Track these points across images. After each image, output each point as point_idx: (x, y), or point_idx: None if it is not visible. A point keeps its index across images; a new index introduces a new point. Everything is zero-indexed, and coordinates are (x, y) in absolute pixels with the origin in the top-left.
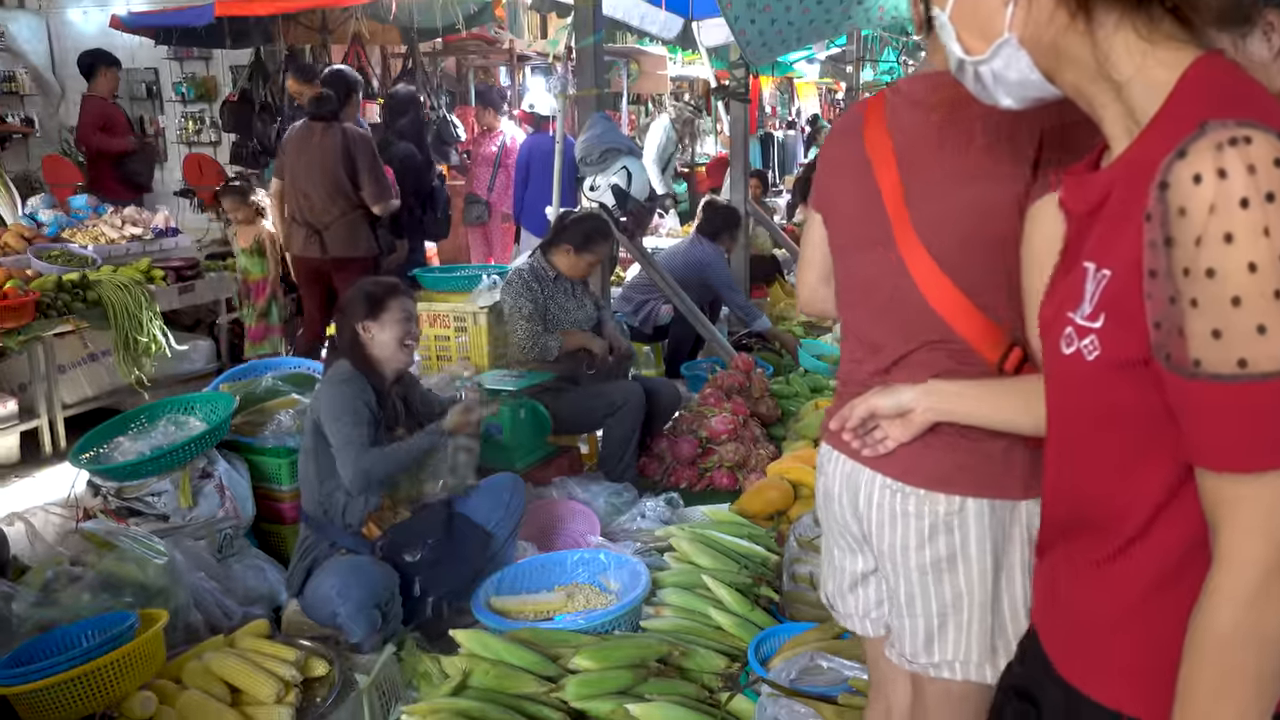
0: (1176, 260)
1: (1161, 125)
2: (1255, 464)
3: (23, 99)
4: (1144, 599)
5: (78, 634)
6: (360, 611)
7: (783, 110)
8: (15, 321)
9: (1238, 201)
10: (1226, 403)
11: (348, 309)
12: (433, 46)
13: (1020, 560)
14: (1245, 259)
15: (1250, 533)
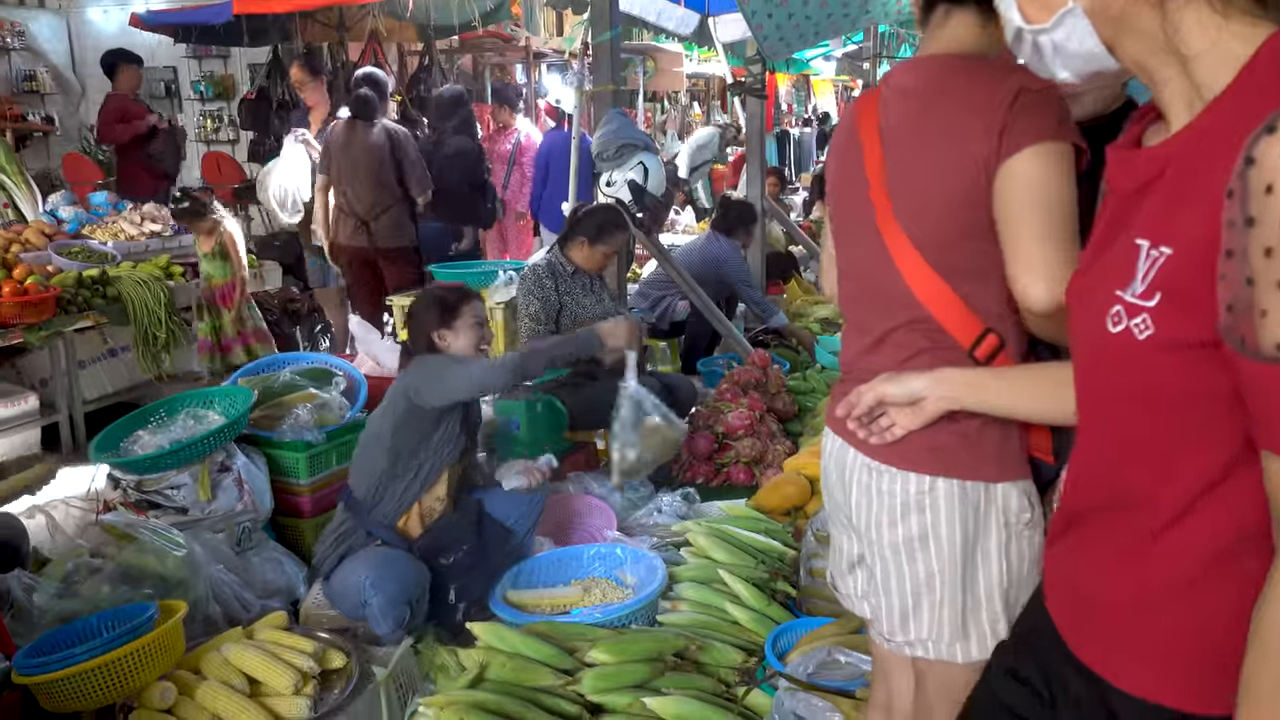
0: (1257, 240)
1: (1235, 100)
2: None
3: (43, 97)
4: (1187, 584)
5: (98, 625)
6: (391, 605)
7: (799, 107)
8: (36, 317)
9: None
10: None
11: (421, 317)
12: (449, 44)
13: (997, 544)
14: None
15: None
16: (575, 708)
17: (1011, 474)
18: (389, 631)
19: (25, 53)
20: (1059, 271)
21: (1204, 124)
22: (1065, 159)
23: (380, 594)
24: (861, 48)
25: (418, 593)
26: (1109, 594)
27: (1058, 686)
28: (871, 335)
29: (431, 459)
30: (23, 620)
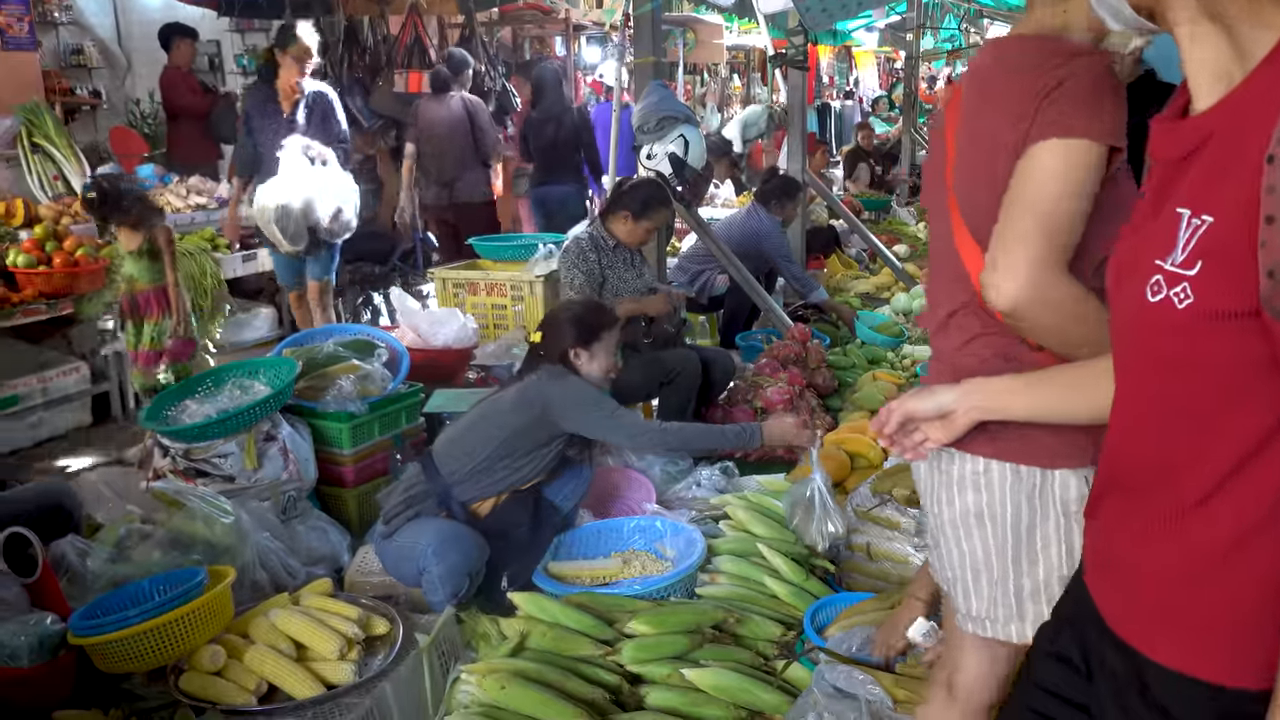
0: None
1: (1276, 67)
2: None
3: (90, 71)
4: (1224, 555)
5: (149, 589)
6: (451, 575)
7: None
8: (86, 288)
9: None
10: None
11: (561, 329)
12: (489, 16)
13: (1055, 529)
14: None
15: None
16: (614, 678)
17: (1070, 462)
18: (442, 600)
19: (73, 27)
20: (1030, 275)
21: (1247, 91)
22: (1082, 157)
23: (442, 563)
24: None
25: (477, 566)
26: (1147, 565)
27: (1095, 662)
28: (938, 317)
29: (535, 465)
30: (77, 584)
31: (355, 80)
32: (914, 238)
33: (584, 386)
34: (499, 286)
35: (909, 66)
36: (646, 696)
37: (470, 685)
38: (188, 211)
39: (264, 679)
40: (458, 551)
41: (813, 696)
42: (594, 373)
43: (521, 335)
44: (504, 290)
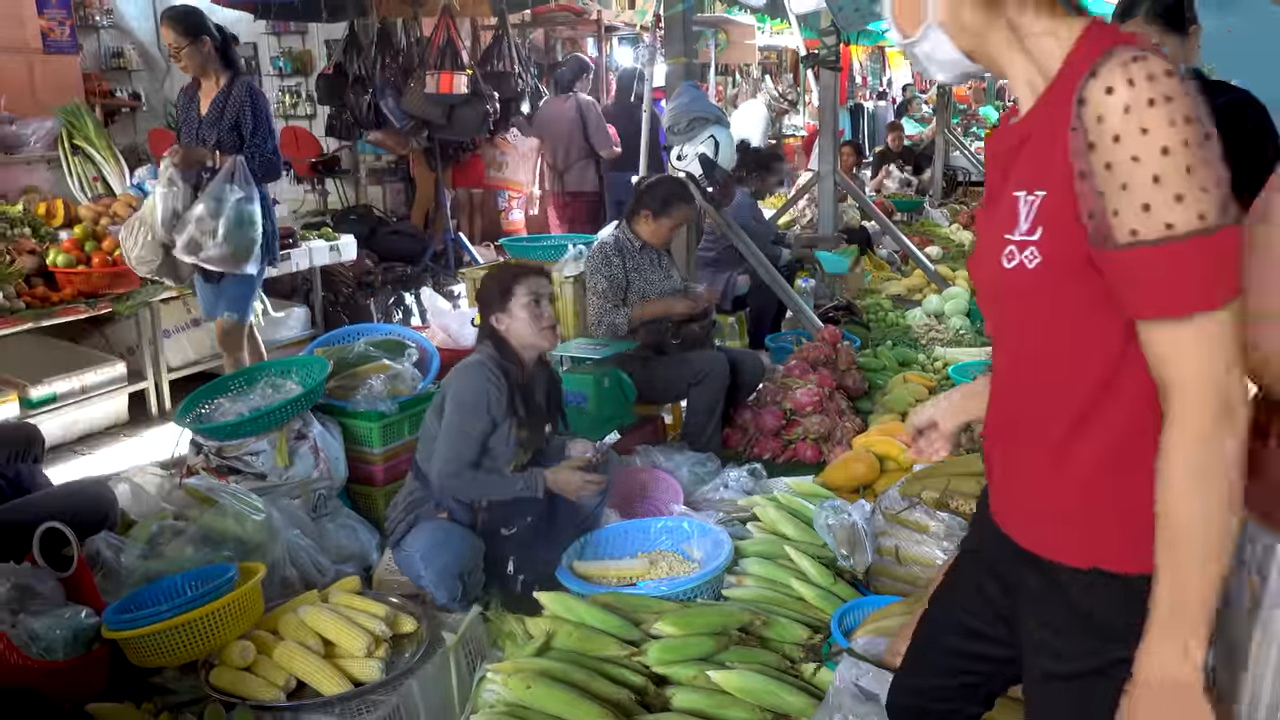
0: (1098, 159)
1: (1071, 69)
2: (1185, 307)
3: (130, 74)
4: (1100, 470)
5: (181, 584)
6: (441, 578)
7: (873, 80)
8: (124, 287)
9: (1146, 102)
10: (1158, 260)
11: (481, 302)
12: (522, 18)
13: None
14: (1159, 144)
15: (1193, 382)
16: (640, 678)
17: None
18: (444, 602)
19: (113, 30)
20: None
21: (1049, 95)
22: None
23: (430, 568)
24: None
25: (470, 565)
26: (1043, 489)
27: (1013, 583)
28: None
29: (490, 457)
30: (112, 579)
31: (388, 81)
32: (946, 239)
33: (466, 389)
34: None
35: None
36: (672, 698)
37: (496, 684)
38: None
39: (293, 675)
40: (445, 553)
41: (839, 698)
42: (522, 333)
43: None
44: None
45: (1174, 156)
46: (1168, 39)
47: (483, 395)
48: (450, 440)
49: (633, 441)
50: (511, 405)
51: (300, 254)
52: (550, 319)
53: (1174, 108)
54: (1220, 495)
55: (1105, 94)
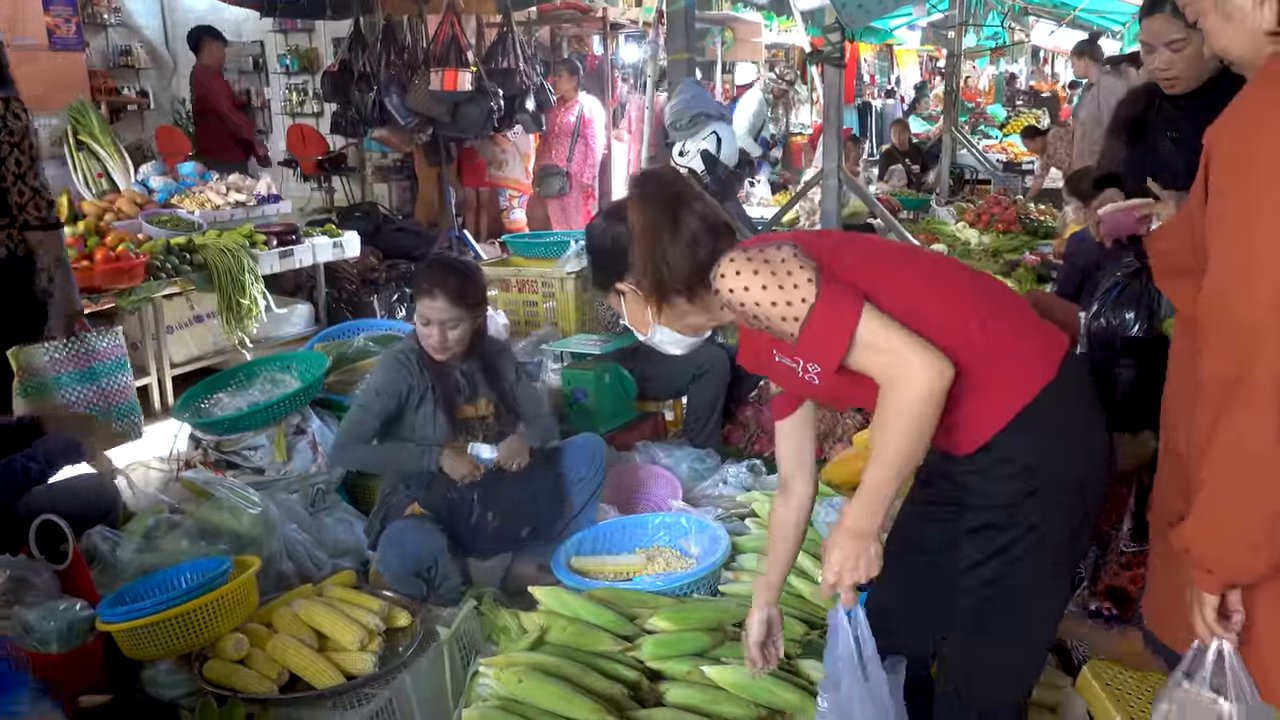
0: (750, 322)
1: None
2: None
3: (138, 72)
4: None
5: (176, 577)
6: (398, 579)
7: (881, 79)
8: (127, 283)
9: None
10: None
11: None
12: (527, 15)
13: None
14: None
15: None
16: (634, 673)
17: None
18: (417, 599)
19: (121, 28)
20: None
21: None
22: None
23: (387, 570)
24: (947, 16)
25: (427, 562)
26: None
27: (936, 475)
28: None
29: (418, 440)
30: (107, 573)
31: (393, 78)
32: (952, 237)
33: (379, 372)
34: (530, 283)
35: (951, 64)
36: (666, 693)
37: (489, 678)
38: (227, 208)
39: (286, 668)
40: (396, 555)
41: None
42: (424, 343)
43: (553, 331)
44: (535, 287)
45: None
46: (1194, 34)
47: (391, 379)
48: (350, 415)
49: (632, 437)
50: (432, 391)
51: (304, 250)
52: (439, 342)
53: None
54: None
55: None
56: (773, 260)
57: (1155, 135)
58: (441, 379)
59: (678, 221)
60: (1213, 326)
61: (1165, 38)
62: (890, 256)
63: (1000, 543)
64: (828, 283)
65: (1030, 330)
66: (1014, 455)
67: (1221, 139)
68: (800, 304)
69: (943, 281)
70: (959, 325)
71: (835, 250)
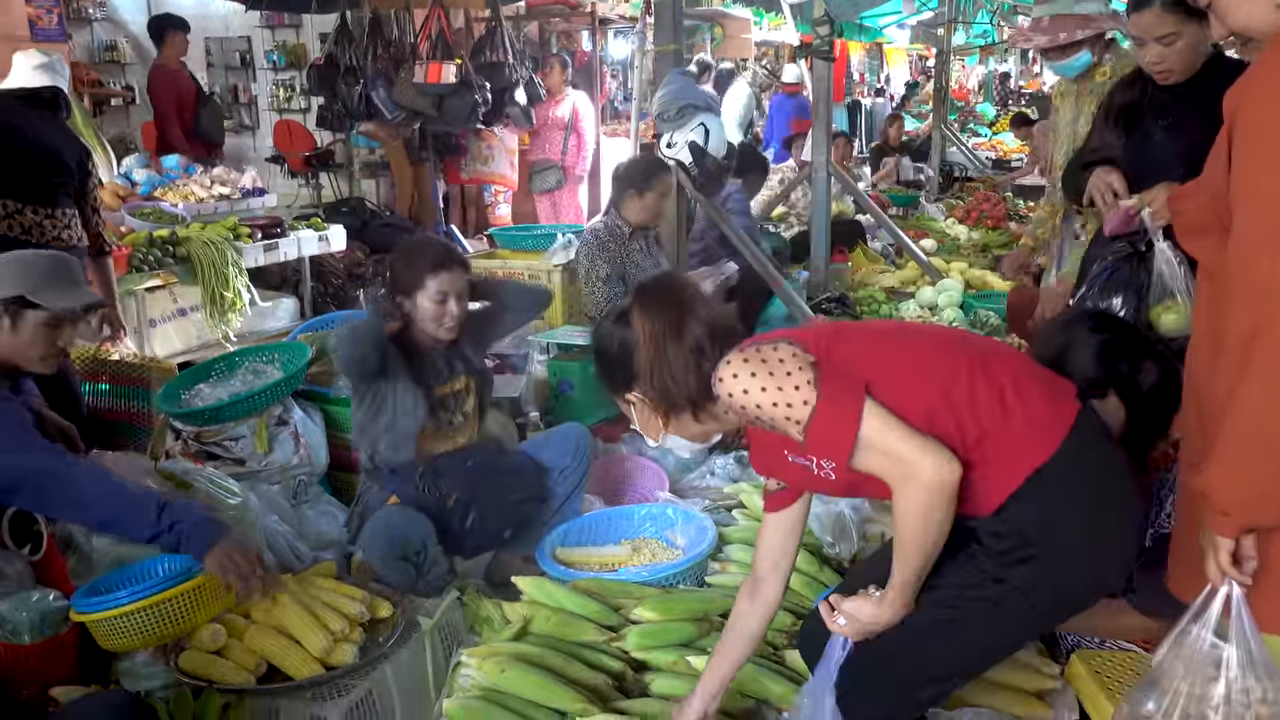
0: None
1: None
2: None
3: (123, 67)
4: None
5: (153, 567)
6: (388, 567)
7: (871, 77)
8: None
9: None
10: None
11: (392, 278)
12: (515, 10)
13: None
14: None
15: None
16: (618, 663)
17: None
18: (405, 587)
19: (106, 23)
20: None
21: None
22: None
23: (374, 557)
24: (936, 14)
25: (415, 546)
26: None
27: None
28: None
29: (391, 430)
30: (83, 563)
31: (379, 72)
32: (941, 233)
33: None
34: (517, 276)
35: (940, 63)
36: (651, 683)
37: (471, 669)
38: (210, 201)
39: (264, 658)
40: (386, 541)
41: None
42: (423, 325)
43: (540, 323)
44: (522, 279)
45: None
46: (1186, 27)
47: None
48: (360, 413)
49: (619, 429)
50: (413, 377)
51: (289, 244)
52: (455, 318)
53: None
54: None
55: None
56: (770, 360)
57: (1147, 123)
58: (425, 368)
59: (682, 332)
60: (1238, 285)
61: (1156, 33)
62: (887, 341)
63: (983, 584)
64: (827, 380)
65: (1034, 401)
66: (1015, 523)
67: (1245, 104)
68: (802, 406)
69: (943, 355)
70: (961, 403)
71: (832, 341)
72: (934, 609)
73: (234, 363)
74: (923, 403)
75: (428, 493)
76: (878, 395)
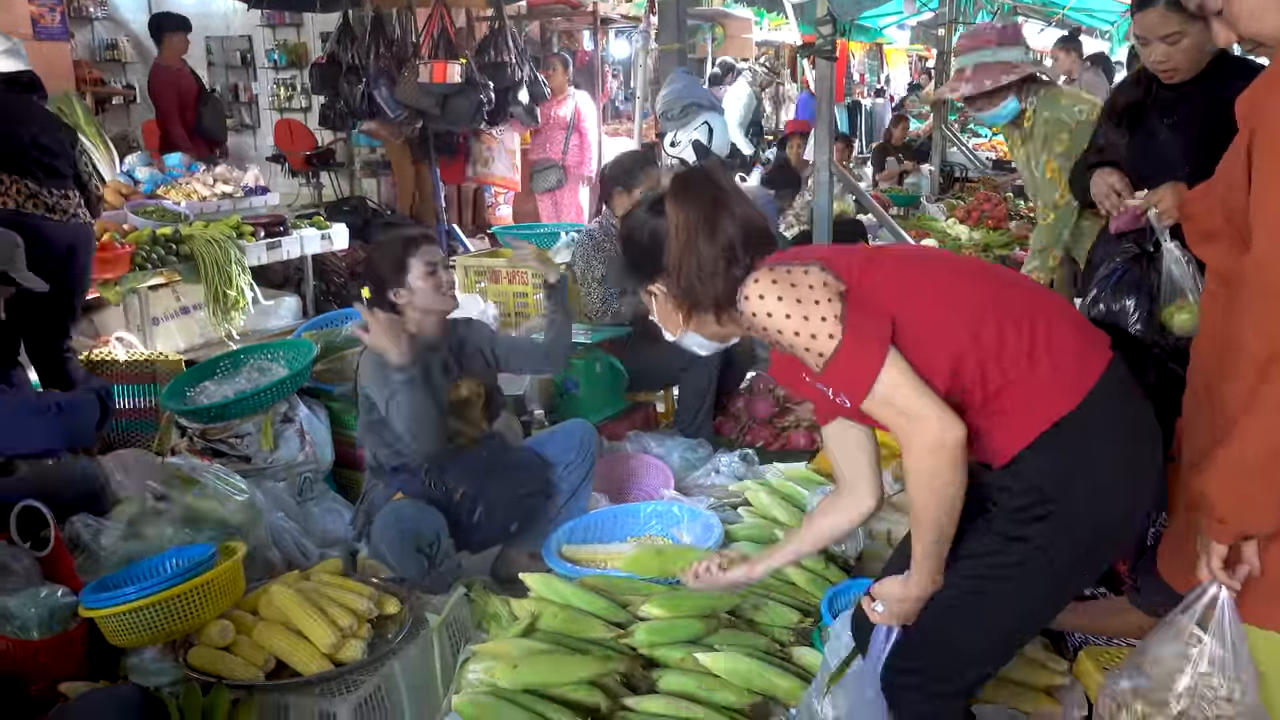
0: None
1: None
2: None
3: (124, 66)
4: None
5: (162, 563)
6: (401, 558)
7: (871, 78)
8: (113, 273)
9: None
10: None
11: (372, 280)
12: (517, 9)
13: None
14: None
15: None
16: (627, 660)
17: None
18: (417, 580)
19: (108, 22)
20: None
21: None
22: None
23: (389, 548)
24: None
25: (428, 538)
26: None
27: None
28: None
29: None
30: (91, 560)
31: (382, 71)
32: (943, 233)
33: (375, 364)
34: (521, 275)
35: (941, 63)
36: (659, 680)
37: (480, 666)
38: (213, 200)
39: (272, 654)
40: (398, 531)
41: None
42: (424, 303)
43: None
44: (525, 278)
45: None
46: (1190, 26)
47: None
48: (405, 419)
49: (623, 428)
50: (426, 375)
51: (291, 242)
52: (450, 282)
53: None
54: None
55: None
56: (800, 285)
57: (1152, 121)
58: (433, 363)
59: (715, 229)
60: (1255, 295)
61: (1160, 32)
62: (920, 271)
63: (1003, 549)
64: (854, 314)
65: (1063, 349)
66: (1032, 476)
67: (1267, 113)
68: (827, 340)
69: (975, 291)
70: (989, 348)
71: (865, 267)
72: (959, 583)
73: (239, 360)
74: (951, 343)
75: (434, 488)
76: (905, 331)
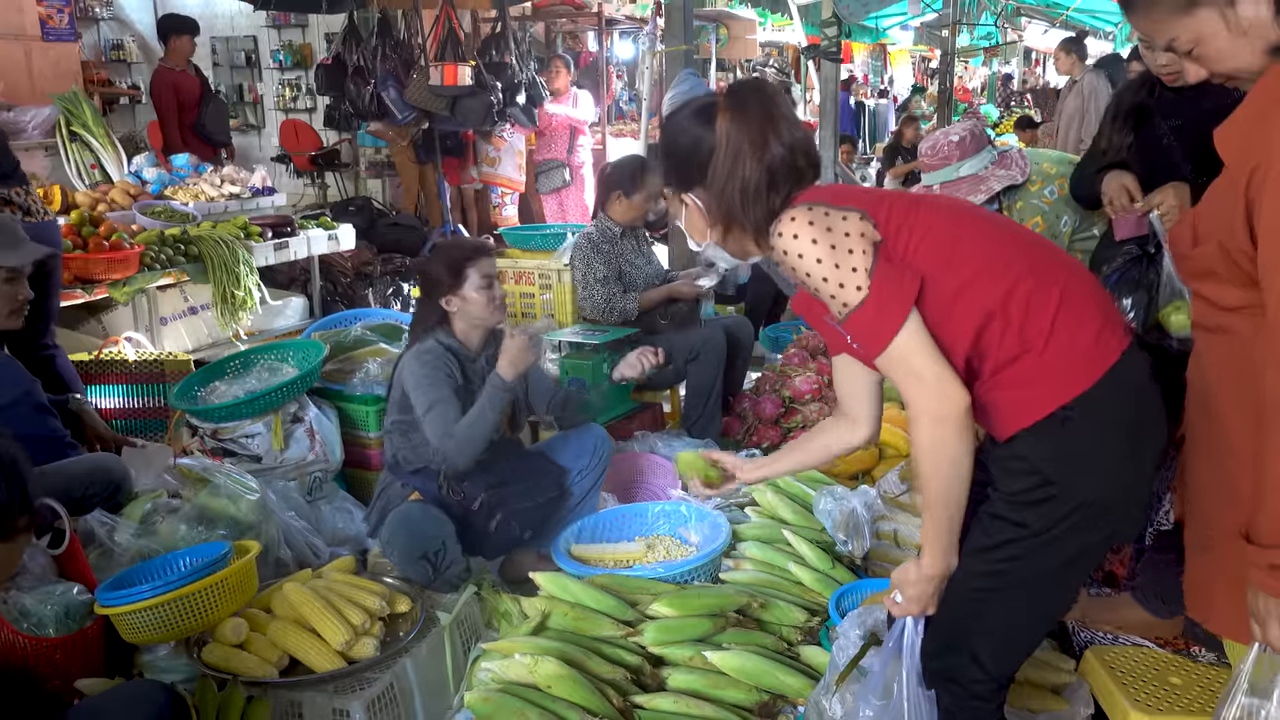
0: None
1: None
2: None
3: (130, 66)
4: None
5: (176, 561)
6: (407, 563)
7: (874, 79)
8: (121, 273)
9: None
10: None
11: (426, 283)
12: (522, 11)
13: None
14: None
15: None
16: (636, 658)
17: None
18: (423, 584)
19: (113, 22)
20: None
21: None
22: None
23: (395, 552)
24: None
25: (434, 545)
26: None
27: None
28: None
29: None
30: (106, 557)
31: (389, 72)
32: None
33: (422, 370)
34: (527, 275)
35: (945, 64)
36: (668, 678)
37: (491, 664)
38: (221, 200)
39: (286, 652)
40: (406, 538)
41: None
42: (476, 314)
43: (549, 323)
44: (531, 279)
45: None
46: None
47: (439, 368)
48: (433, 418)
49: (631, 428)
50: (467, 385)
51: (298, 243)
52: (501, 298)
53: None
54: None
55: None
56: (836, 231)
57: (1156, 123)
58: (473, 374)
59: (764, 150)
60: (1277, 345)
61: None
62: (967, 224)
63: (1007, 536)
64: (883, 269)
65: (1083, 329)
66: (1030, 458)
67: (1271, 158)
68: (854, 291)
69: (1017, 253)
70: (1014, 317)
71: (905, 216)
72: (971, 579)
73: (249, 360)
74: (986, 299)
75: (450, 494)
76: (942, 283)
